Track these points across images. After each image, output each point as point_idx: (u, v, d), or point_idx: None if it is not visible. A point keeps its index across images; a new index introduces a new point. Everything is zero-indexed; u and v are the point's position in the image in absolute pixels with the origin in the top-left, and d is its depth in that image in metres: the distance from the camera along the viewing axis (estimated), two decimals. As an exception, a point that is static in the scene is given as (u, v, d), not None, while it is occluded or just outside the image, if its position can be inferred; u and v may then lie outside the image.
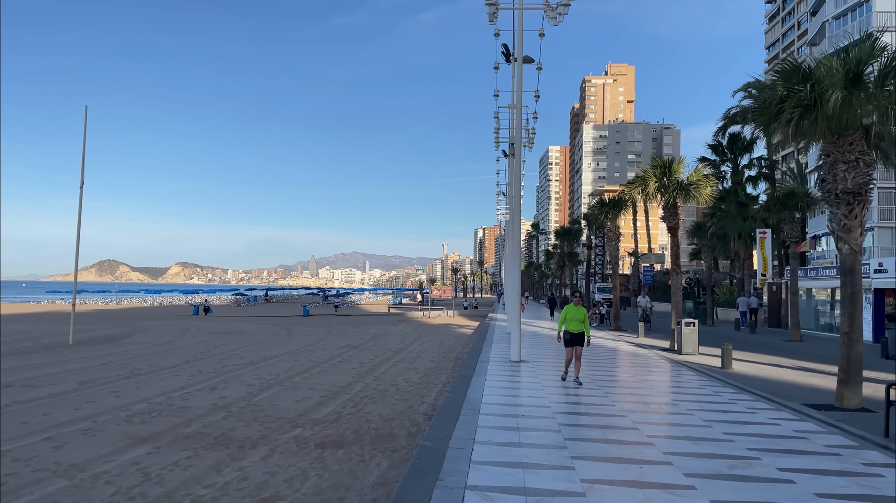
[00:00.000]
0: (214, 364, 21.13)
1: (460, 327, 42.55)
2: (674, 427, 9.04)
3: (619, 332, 30.45)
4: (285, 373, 19.30)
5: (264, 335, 34.56)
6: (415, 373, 19.57)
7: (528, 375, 14.58)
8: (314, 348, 27.21)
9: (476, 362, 16.62)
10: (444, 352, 25.85)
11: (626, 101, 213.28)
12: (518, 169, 17.04)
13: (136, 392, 15.46)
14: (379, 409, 13.86)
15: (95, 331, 35.58)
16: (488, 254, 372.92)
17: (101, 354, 23.35)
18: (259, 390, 16.12)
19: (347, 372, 19.79)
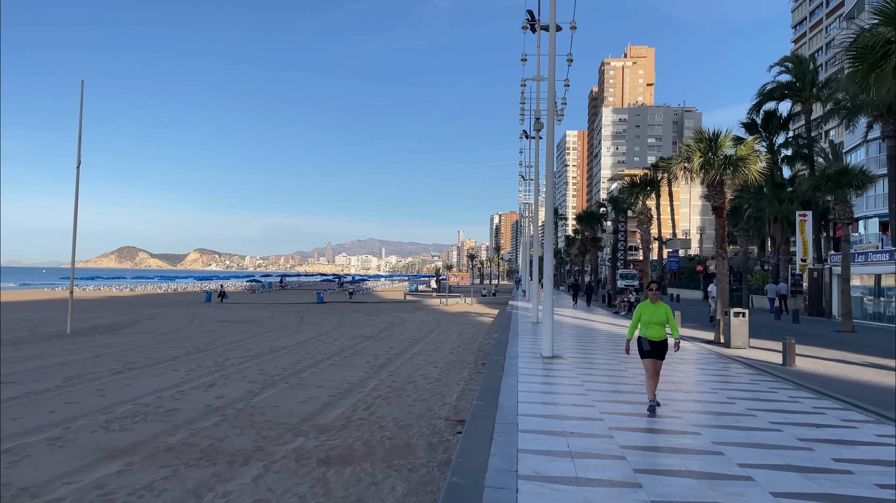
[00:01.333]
0: (217, 356, 19.53)
1: (480, 315, 40.77)
2: (767, 451, 7.16)
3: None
4: (292, 367, 17.63)
5: (275, 324, 33.01)
6: (434, 368, 17.83)
7: (567, 375, 12.73)
8: (326, 338, 25.56)
9: (503, 358, 14.80)
10: (464, 343, 24.09)
11: (645, 84, 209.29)
12: (551, 141, 15.11)
13: (123, 390, 13.85)
14: (394, 413, 12.12)
15: (100, 319, 34.23)
16: (504, 240, 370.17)
17: (98, 345, 21.85)
18: (261, 388, 14.45)
19: (360, 366, 18.09)
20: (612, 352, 17.64)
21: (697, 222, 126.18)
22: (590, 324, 27.49)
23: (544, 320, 15.31)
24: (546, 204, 14.65)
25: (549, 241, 14.87)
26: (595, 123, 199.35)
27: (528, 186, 53.83)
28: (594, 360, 15.33)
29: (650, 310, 9.34)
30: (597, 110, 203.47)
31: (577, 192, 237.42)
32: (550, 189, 14.95)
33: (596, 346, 18.69)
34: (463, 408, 12.43)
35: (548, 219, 14.55)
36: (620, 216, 46.33)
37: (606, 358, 16.08)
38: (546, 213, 14.56)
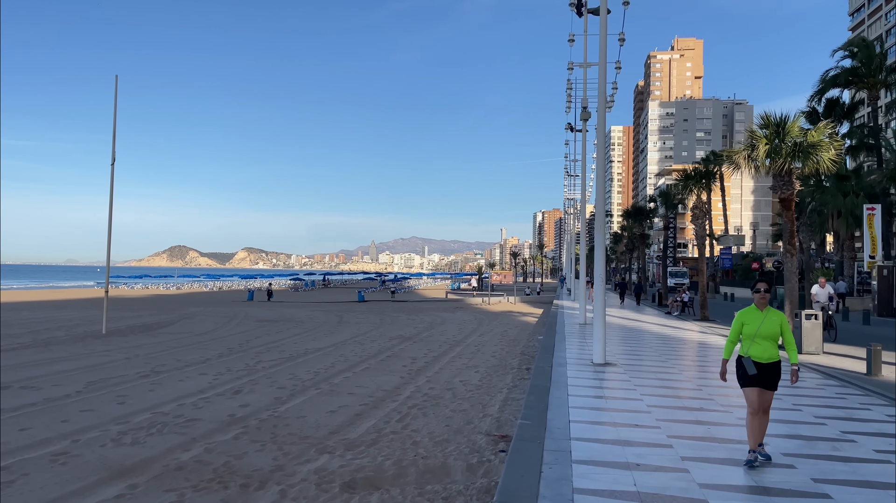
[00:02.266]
0: (249, 359, 18.74)
1: (523, 315, 39.42)
2: (884, 494, 5.79)
3: (707, 324, 26.73)
4: (325, 371, 16.68)
5: (313, 323, 32.30)
6: (474, 373, 16.66)
7: (623, 387, 11.38)
8: (363, 339, 24.63)
9: (550, 366, 13.53)
10: (507, 346, 22.86)
11: (693, 76, 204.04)
12: (602, 126, 13.74)
13: (145, 397, 13.07)
14: (430, 425, 11.00)
15: (139, 318, 34.09)
16: (548, 238, 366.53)
17: (130, 346, 21.34)
18: (289, 395, 13.51)
19: (396, 370, 17.04)
20: (670, 358, 16.18)
21: (750, 218, 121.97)
22: (640, 325, 25.92)
23: (595, 322, 13.98)
24: (596, 194, 13.30)
25: (600, 236, 13.51)
26: (641, 118, 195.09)
27: (573, 182, 52.18)
28: (651, 368, 13.92)
29: (757, 318, 6.82)
30: (642, 105, 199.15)
31: (623, 188, 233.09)
32: (601, 178, 13.62)
33: (651, 351, 17.24)
34: (506, 421, 11.24)
35: (599, 211, 13.20)
36: (670, 211, 44.32)
37: (664, 365, 14.65)
38: (597, 205, 13.22)
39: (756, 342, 6.77)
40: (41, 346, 20.83)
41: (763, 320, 6.78)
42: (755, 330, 6.76)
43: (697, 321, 27.77)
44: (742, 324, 6.93)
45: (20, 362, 17.34)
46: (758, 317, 6.83)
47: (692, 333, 22.71)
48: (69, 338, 23.29)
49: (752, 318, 6.85)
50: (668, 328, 24.53)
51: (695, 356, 16.93)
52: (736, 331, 7.02)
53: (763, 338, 6.74)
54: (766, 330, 6.74)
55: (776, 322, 6.80)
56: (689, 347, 18.85)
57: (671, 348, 18.21)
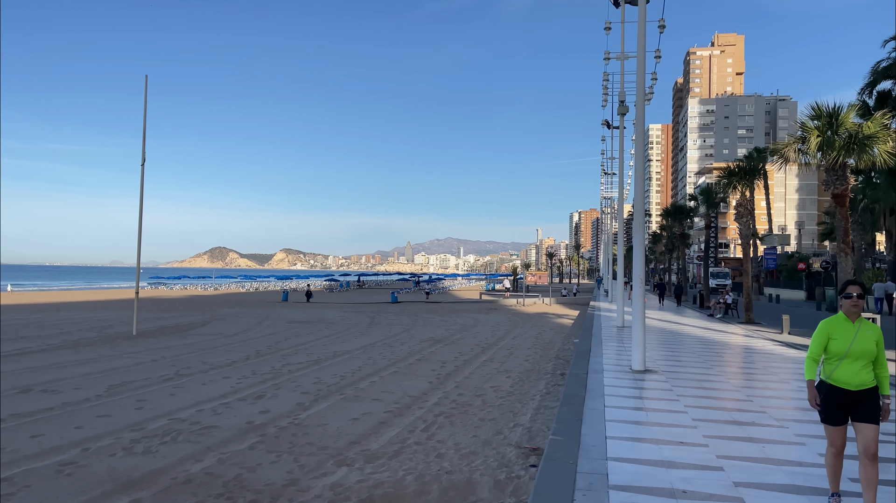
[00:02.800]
0: (276, 362, 18.33)
1: (559, 317, 38.47)
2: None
3: (753, 327, 25.49)
4: (351, 375, 16.15)
5: (345, 325, 31.92)
6: (506, 379, 15.94)
7: (665, 398, 10.53)
8: (393, 342, 24.09)
9: (585, 372, 12.73)
10: (541, 349, 22.06)
11: (734, 73, 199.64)
12: (641, 118, 12.90)
13: (165, 402, 12.68)
14: (456, 436, 10.34)
15: (173, 319, 34.16)
16: (584, 238, 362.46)
17: (158, 348, 21.15)
18: (312, 401, 13.00)
19: (425, 374, 16.42)
20: (715, 364, 15.22)
21: (794, 217, 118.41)
22: (681, 328, 24.84)
23: (634, 326, 13.14)
24: (635, 191, 12.48)
25: (639, 234, 12.68)
26: (680, 116, 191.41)
27: (611, 181, 50.99)
28: (695, 376, 13.02)
29: (848, 332, 5.24)
30: (682, 102, 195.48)
31: (661, 187, 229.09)
32: (640, 173, 12.78)
33: (694, 357, 16.28)
34: (538, 432, 10.52)
35: (637, 208, 12.37)
36: (712, 210, 42.82)
37: (709, 373, 13.72)
38: (635, 202, 12.38)
39: (846, 363, 5.20)
40: (70, 348, 20.78)
41: (856, 335, 5.19)
42: (846, 347, 5.18)
43: (742, 324, 26.54)
44: (828, 339, 5.28)
45: (47, 364, 17.23)
46: (849, 331, 5.23)
47: (737, 337, 21.60)
48: (99, 340, 23.25)
49: (842, 332, 5.24)
50: (711, 331, 23.42)
51: (742, 362, 15.92)
52: (820, 346, 5.35)
53: (855, 357, 5.17)
54: (860, 347, 5.15)
55: (871, 339, 5.21)
56: (735, 352, 17.82)
57: (715, 353, 17.21)
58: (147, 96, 23.37)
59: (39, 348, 20.53)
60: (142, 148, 23.76)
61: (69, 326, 28.58)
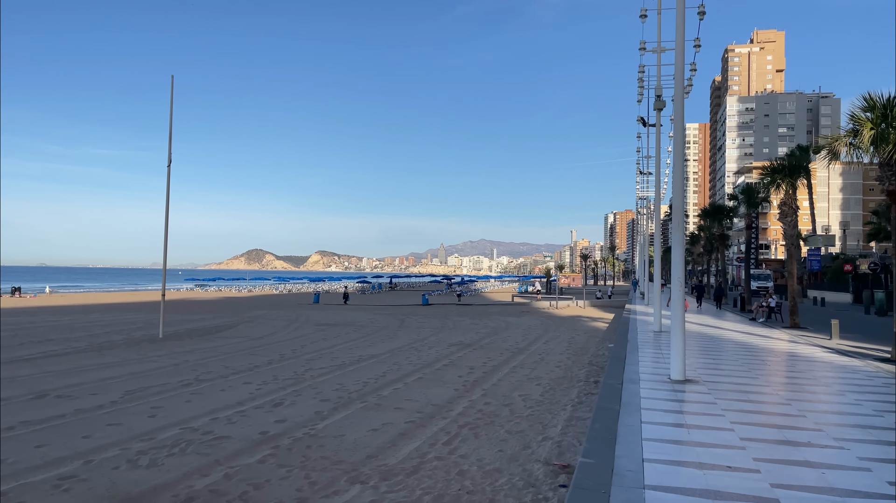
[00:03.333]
0: (298, 367, 17.85)
1: (593, 320, 37.44)
2: None
3: (799, 332, 24.22)
4: (374, 381, 15.56)
5: (373, 327, 31.43)
6: (536, 386, 15.17)
7: (709, 412, 9.66)
8: (421, 346, 23.47)
9: (620, 382, 11.90)
10: (574, 355, 21.20)
11: (774, 70, 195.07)
12: (680, 119, 12.02)
13: (180, 409, 12.24)
14: (481, 450, 9.65)
15: (202, 321, 34.09)
16: (620, 239, 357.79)
17: (182, 352, 20.87)
18: (332, 409, 12.42)
19: (451, 381, 15.74)
20: (761, 373, 14.23)
21: (838, 217, 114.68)
22: (722, 333, 23.71)
23: (673, 332, 12.27)
24: (673, 186, 11.63)
25: (678, 233, 11.80)
26: (718, 114, 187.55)
27: (647, 181, 49.66)
28: (740, 387, 12.08)
29: None
30: (720, 100, 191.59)
31: (699, 188, 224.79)
32: (679, 168, 11.89)
33: (738, 365, 15.29)
34: (568, 447, 9.77)
35: (676, 205, 11.51)
36: (752, 210, 41.27)
37: (755, 383, 12.76)
38: (674, 198, 11.54)
39: None
40: (95, 351, 20.62)
41: None
42: None
43: (786, 328, 25.27)
44: None
45: (68, 368, 17.02)
46: None
47: (782, 343, 20.44)
48: (125, 343, 23.11)
49: None
50: (755, 337, 22.27)
51: (790, 371, 14.88)
52: None
53: None
54: None
55: None
56: (782, 360, 16.75)
57: (761, 361, 16.17)
58: (173, 97, 23.20)
59: (64, 351, 20.42)
60: (168, 149, 23.60)
61: (98, 329, 28.64)
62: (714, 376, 13.20)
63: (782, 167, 25.66)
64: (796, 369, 14.94)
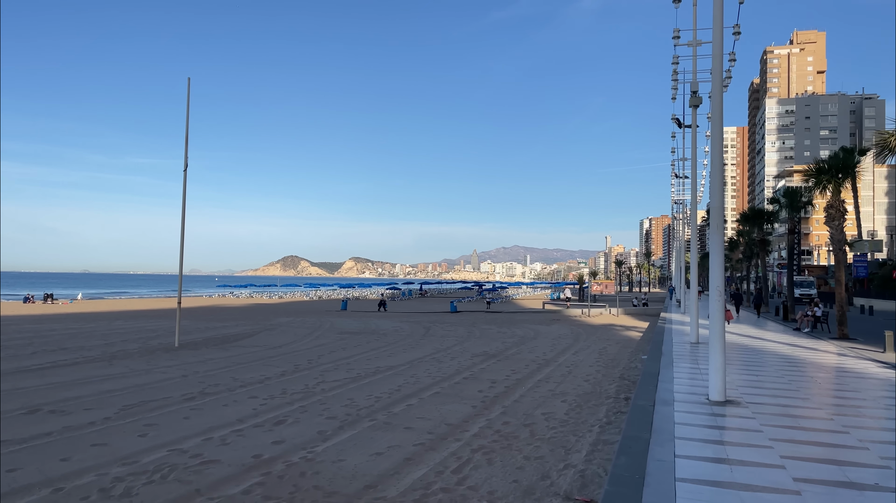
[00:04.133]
0: (311, 379, 16.98)
1: (626, 329, 35.98)
2: None
3: (848, 343, 22.56)
4: (387, 396, 14.58)
5: (397, 336, 30.52)
6: (561, 403, 14.03)
7: (754, 442, 8.42)
8: (443, 357, 22.45)
9: (652, 403, 10.70)
10: (604, 367, 19.96)
11: (815, 71, 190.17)
12: (719, 112, 10.79)
13: (174, 427, 11.43)
14: (493, 480, 8.61)
15: (224, 329, 33.57)
16: (655, 245, 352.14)
17: (195, 362, 20.20)
18: (337, 428, 11.48)
19: (470, 397, 14.69)
20: (812, 393, 12.86)
21: (884, 221, 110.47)
22: (764, 344, 22.19)
23: (712, 346, 11.03)
24: (712, 189, 10.45)
25: (717, 236, 10.59)
26: (757, 117, 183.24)
27: (682, 185, 47.99)
28: (790, 411, 10.78)
29: None
30: (758, 103, 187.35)
31: (737, 192, 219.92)
32: (717, 164, 10.69)
33: (784, 383, 13.93)
34: (593, 477, 8.65)
35: (715, 207, 10.33)
36: (794, 214, 39.36)
37: (806, 405, 11.42)
38: (713, 201, 10.37)
39: None
40: (105, 361, 20.06)
41: None
42: None
43: (834, 340, 23.60)
44: None
45: (72, 379, 16.41)
46: None
47: (832, 357, 18.90)
48: (138, 352, 22.55)
49: None
50: (800, 349, 20.73)
51: (845, 391, 13.45)
52: None
53: None
54: None
55: None
56: (833, 377, 15.30)
57: (809, 378, 14.75)
58: (189, 99, 22.69)
59: (74, 361, 19.90)
60: (184, 153, 23.08)
61: (116, 336, 28.26)
62: (758, 396, 11.90)
63: (829, 167, 24.04)
64: (850, 388, 13.51)
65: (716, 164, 10.48)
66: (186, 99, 22.80)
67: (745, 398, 11.48)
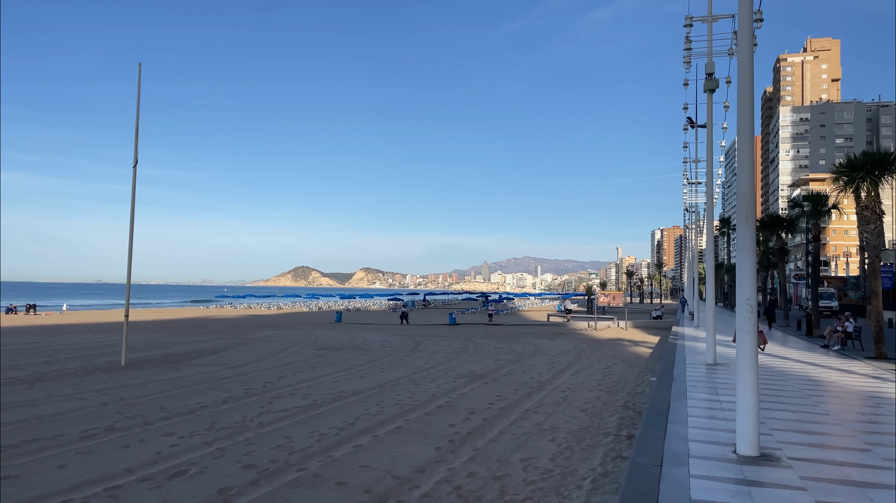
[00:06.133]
0: (253, 408, 14.29)
1: (634, 344, 33.07)
2: None
3: (889, 364, 19.62)
4: (335, 433, 11.86)
5: (382, 352, 27.81)
6: (549, 443, 11.28)
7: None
8: (422, 378, 19.71)
9: (659, 462, 7.91)
10: (606, 392, 17.15)
11: (830, 79, 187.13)
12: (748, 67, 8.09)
13: (38, 481, 8.78)
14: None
15: (191, 344, 30.92)
16: (667, 256, 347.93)
17: (131, 385, 17.58)
18: (247, 484, 8.79)
19: (436, 433, 11.95)
20: (872, 440, 9.99)
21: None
22: (791, 366, 19.28)
23: (743, 381, 8.21)
24: (739, 168, 7.76)
25: (746, 234, 7.90)
26: (770, 126, 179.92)
27: (695, 189, 45.18)
28: (853, 472, 7.95)
29: None
30: (771, 112, 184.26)
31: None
32: (747, 144, 8.03)
33: (832, 423, 11.06)
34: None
35: (743, 192, 7.66)
36: (818, 219, 36.39)
37: (873, 462, 8.59)
38: (740, 184, 7.73)
39: None
40: (26, 384, 17.41)
41: None
42: None
43: (871, 360, 20.65)
44: None
45: (-35, 408, 13.80)
46: None
47: (875, 383, 16.01)
48: (75, 372, 19.94)
49: None
50: (836, 372, 17.83)
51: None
52: None
53: None
54: None
55: None
56: (891, 413, 12.41)
57: (861, 414, 11.88)
58: (140, 86, 20.11)
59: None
60: (134, 148, 20.49)
61: (66, 353, 25.70)
62: (802, 447, 9.05)
63: (864, 163, 21.17)
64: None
65: (744, 136, 7.76)
66: (137, 87, 20.26)
67: (785, 449, 8.63)
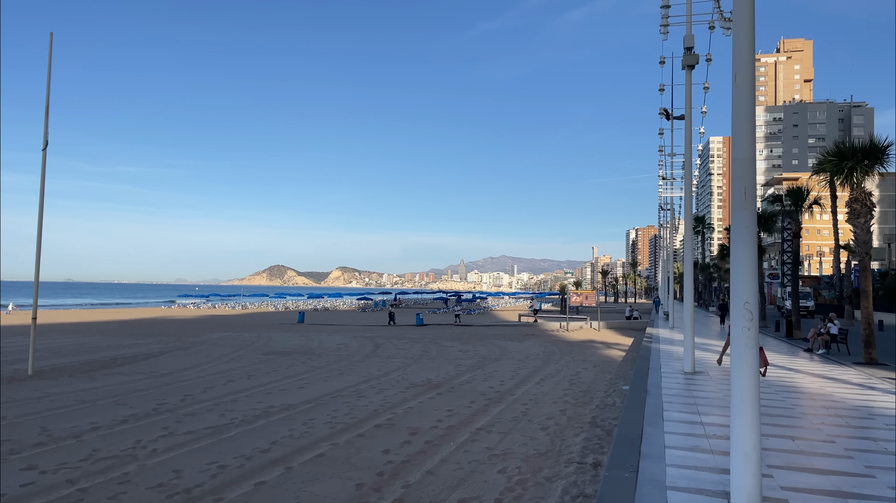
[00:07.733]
0: (152, 431, 12.05)
1: (607, 346, 31.26)
2: None
3: (880, 370, 17.95)
4: (237, 466, 9.68)
5: (334, 356, 25.61)
6: (498, 475, 9.25)
7: None
8: (369, 389, 17.57)
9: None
10: (573, 404, 15.17)
11: (802, 80, 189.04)
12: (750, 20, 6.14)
13: None
14: None
15: (125, 349, 28.38)
16: (642, 255, 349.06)
17: (23, 400, 15.23)
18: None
19: (363, 464, 9.83)
20: (877, 466, 8.09)
21: (877, 231, 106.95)
22: (775, 374, 17.50)
23: (739, 416, 6.19)
24: (734, 132, 5.70)
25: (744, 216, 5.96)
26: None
27: (670, 185, 43.67)
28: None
29: None
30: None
31: (724, 202, 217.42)
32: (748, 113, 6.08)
33: (839, 451, 9.18)
34: None
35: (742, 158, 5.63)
36: (798, 215, 34.90)
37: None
38: (736, 150, 5.66)
39: None
40: None
41: None
42: None
43: (860, 365, 18.98)
44: None
45: None
46: None
47: (874, 395, 14.24)
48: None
49: None
50: (828, 382, 16.06)
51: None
52: None
53: None
54: None
55: None
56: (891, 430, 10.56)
57: (870, 440, 10.01)
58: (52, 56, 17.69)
59: None
60: (44, 128, 18.07)
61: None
62: (813, 493, 7.10)
63: (854, 151, 19.48)
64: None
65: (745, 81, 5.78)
66: (48, 59, 17.81)
67: (793, 500, 6.65)
